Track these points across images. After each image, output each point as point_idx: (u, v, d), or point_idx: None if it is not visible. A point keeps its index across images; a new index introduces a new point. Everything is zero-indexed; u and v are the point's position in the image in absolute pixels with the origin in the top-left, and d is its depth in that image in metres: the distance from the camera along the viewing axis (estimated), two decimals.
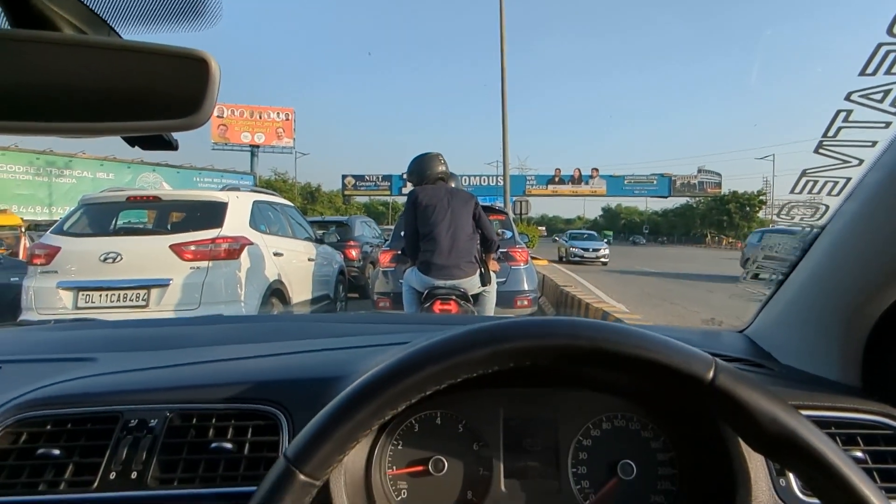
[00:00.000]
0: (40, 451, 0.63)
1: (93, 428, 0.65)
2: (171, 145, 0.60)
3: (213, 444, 0.63)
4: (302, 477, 0.43)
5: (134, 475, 0.61)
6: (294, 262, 5.32)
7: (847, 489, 0.41)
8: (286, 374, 0.73)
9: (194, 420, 0.65)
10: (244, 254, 4.36)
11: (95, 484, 0.61)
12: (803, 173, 0.72)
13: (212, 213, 4.42)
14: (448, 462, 0.67)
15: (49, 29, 0.50)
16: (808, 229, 0.77)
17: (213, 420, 0.65)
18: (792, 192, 0.73)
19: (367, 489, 0.65)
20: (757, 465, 0.59)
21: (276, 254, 4.89)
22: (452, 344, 0.47)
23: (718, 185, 43.87)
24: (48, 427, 0.65)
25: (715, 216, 56.40)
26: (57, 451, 0.63)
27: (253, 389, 0.68)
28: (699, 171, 43.32)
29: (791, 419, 0.43)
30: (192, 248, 4.16)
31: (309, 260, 5.78)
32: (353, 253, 8.27)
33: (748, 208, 53.56)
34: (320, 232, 6.85)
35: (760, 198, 52.19)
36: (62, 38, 0.50)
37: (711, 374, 0.44)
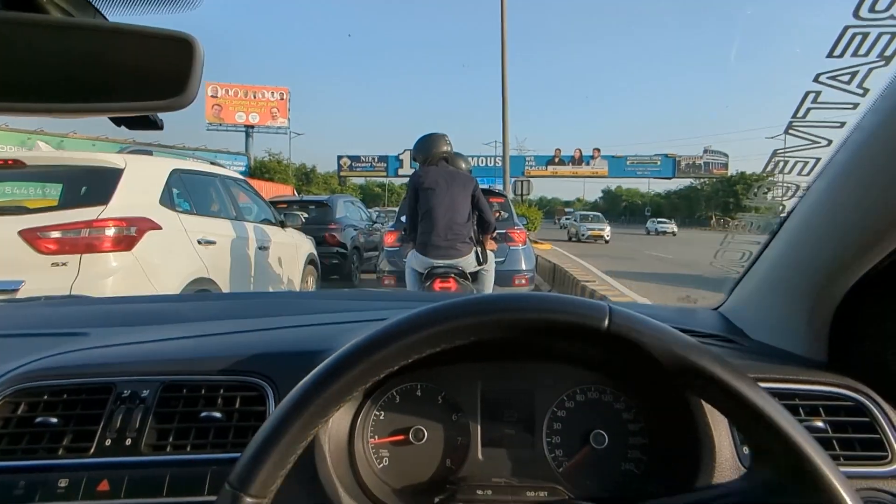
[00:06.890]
0: (38, 419, 0.65)
1: (87, 398, 0.68)
2: (156, 125, 0.61)
3: (203, 414, 0.66)
4: (248, 500, 0.44)
5: (128, 442, 0.64)
6: (235, 252, 3.99)
7: (742, 402, 0.44)
8: (272, 348, 0.75)
9: (184, 391, 0.68)
10: (144, 242, 3.03)
11: (92, 450, 0.64)
12: (774, 154, 0.73)
13: (96, 185, 3.06)
14: (428, 431, 0.69)
15: (35, 11, 0.50)
16: (780, 209, 0.79)
17: (203, 391, 0.68)
18: (763, 172, 0.74)
19: (351, 456, 0.67)
20: (721, 433, 0.61)
21: (204, 241, 3.59)
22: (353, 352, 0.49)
23: (725, 165, 43.09)
24: (45, 397, 0.68)
25: (721, 198, 55.59)
26: (54, 420, 0.65)
27: (241, 362, 0.70)
28: (705, 151, 42.63)
29: (685, 349, 0.46)
30: (55, 234, 2.77)
31: (261, 248, 4.42)
32: (333, 238, 7.05)
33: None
34: (300, 213, 5.68)
35: (770, 178, 51.52)
36: (49, 20, 0.50)
37: (607, 321, 0.46)
